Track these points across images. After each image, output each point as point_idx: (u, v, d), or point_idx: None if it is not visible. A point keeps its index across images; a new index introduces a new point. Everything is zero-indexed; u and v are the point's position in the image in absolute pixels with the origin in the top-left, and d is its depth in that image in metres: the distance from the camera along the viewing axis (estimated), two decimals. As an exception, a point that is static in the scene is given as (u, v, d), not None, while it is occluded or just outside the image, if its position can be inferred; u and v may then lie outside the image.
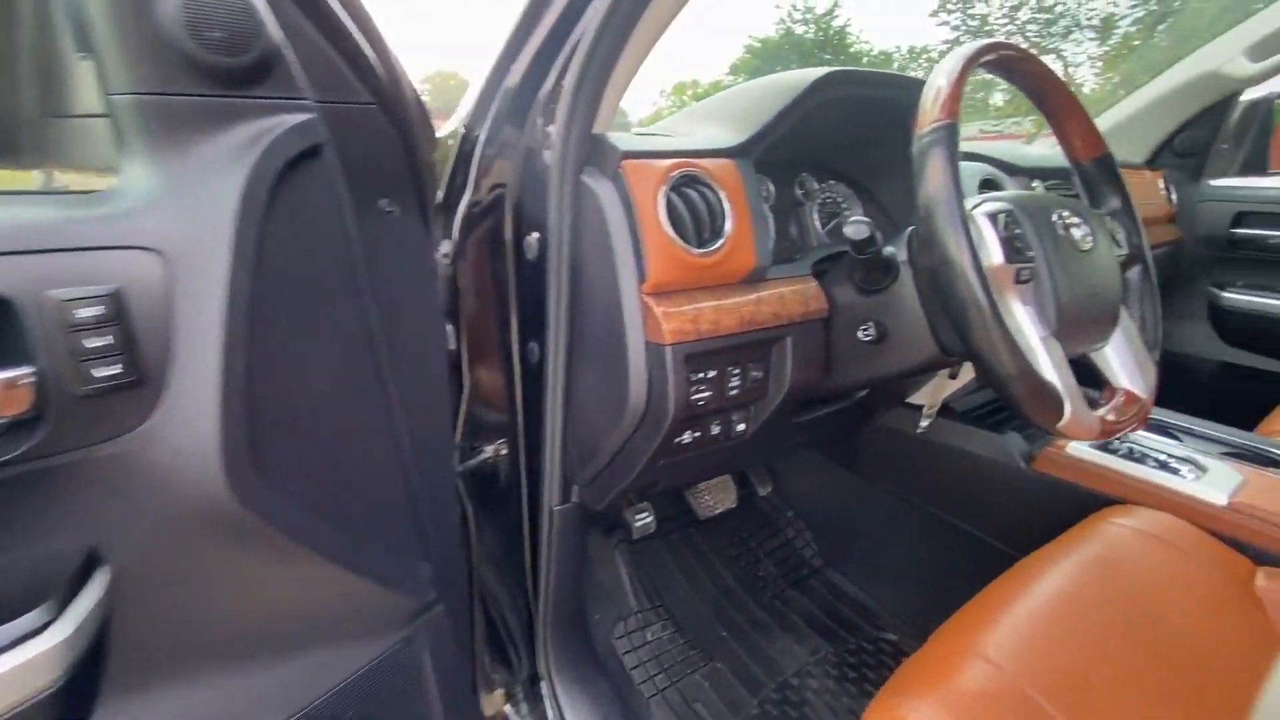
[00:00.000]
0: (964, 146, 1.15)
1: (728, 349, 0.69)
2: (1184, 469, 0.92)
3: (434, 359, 0.67)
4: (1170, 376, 1.75)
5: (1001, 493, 1.07)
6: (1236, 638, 0.67)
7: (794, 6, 24.05)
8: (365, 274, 0.56)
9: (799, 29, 23.99)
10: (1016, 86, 0.71)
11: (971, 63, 0.59)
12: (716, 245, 0.66)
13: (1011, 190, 0.64)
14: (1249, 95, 1.58)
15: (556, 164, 0.65)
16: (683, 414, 0.69)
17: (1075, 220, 0.63)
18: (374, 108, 0.56)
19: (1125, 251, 0.71)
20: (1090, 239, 0.64)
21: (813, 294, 0.76)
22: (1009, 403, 0.55)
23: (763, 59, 24.35)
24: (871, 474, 1.30)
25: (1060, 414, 0.56)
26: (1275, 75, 1.46)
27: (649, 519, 1.04)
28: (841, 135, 0.90)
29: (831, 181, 0.99)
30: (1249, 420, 1.28)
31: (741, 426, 0.78)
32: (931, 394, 1.03)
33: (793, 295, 0.74)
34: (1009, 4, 17.71)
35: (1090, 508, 0.89)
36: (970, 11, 18.46)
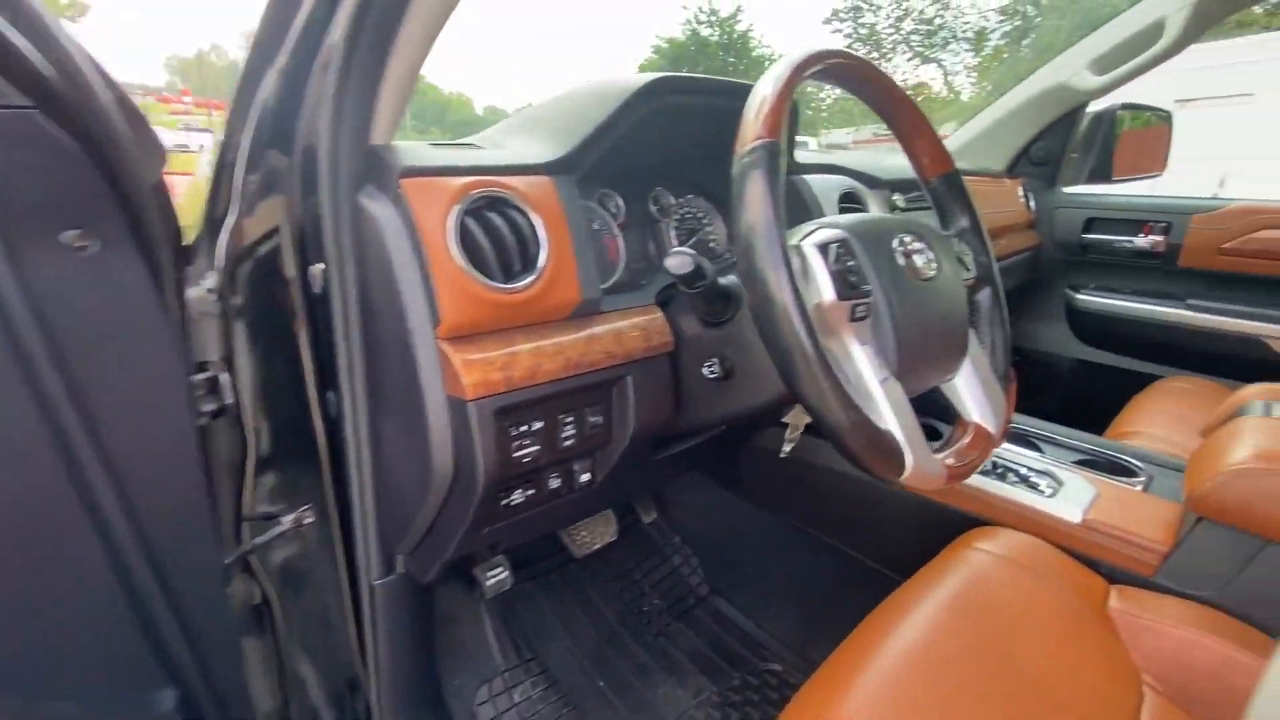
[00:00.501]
0: (826, 158, 1.13)
1: (555, 396, 0.60)
2: (1043, 483, 0.92)
3: (171, 427, 0.53)
4: (1034, 374, 1.86)
5: (874, 513, 1.04)
6: (1096, 674, 0.65)
7: (700, 9, 24.48)
8: (36, 333, 0.42)
9: (705, 31, 24.46)
10: (861, 100, 0.65)
11: (799, 73, 0.52)
12: (529, 279, 0.56)
13: (854, 215, 0.58)
14: (1094, 107, 1.67)
15: (327, 181, 0.53)
16: (501, 475, 0.59)
17: (917, 246, 0.58)
18: (31, 113, 0.42)
19: (973, 274, 0.68)
20: (934, 265, 0.59)
21: (656, 327, 0.68)
22: (844, 455, 0.49)
23: (670, 60, 24.63)
24: (754, 495, 1.25)
25: (901, 466, 0.50)
26: (1117, 88, 1.54)
27: (503, 575, 0.93)
28: (691, 145, 0.83)
29: (690, 195, 0.92)
30: (1105, 413, 1.34)
31: (586, 477, 0.69)
32: (797, 414, 0.98)
33: (632, 330, 0.66)
34: (894, 15, 18.83)
35: (960, 527, 0.87)
36: (860, 21, 19.48)
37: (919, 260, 0.58)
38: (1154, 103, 1.74)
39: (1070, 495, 0.88)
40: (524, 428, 0.59)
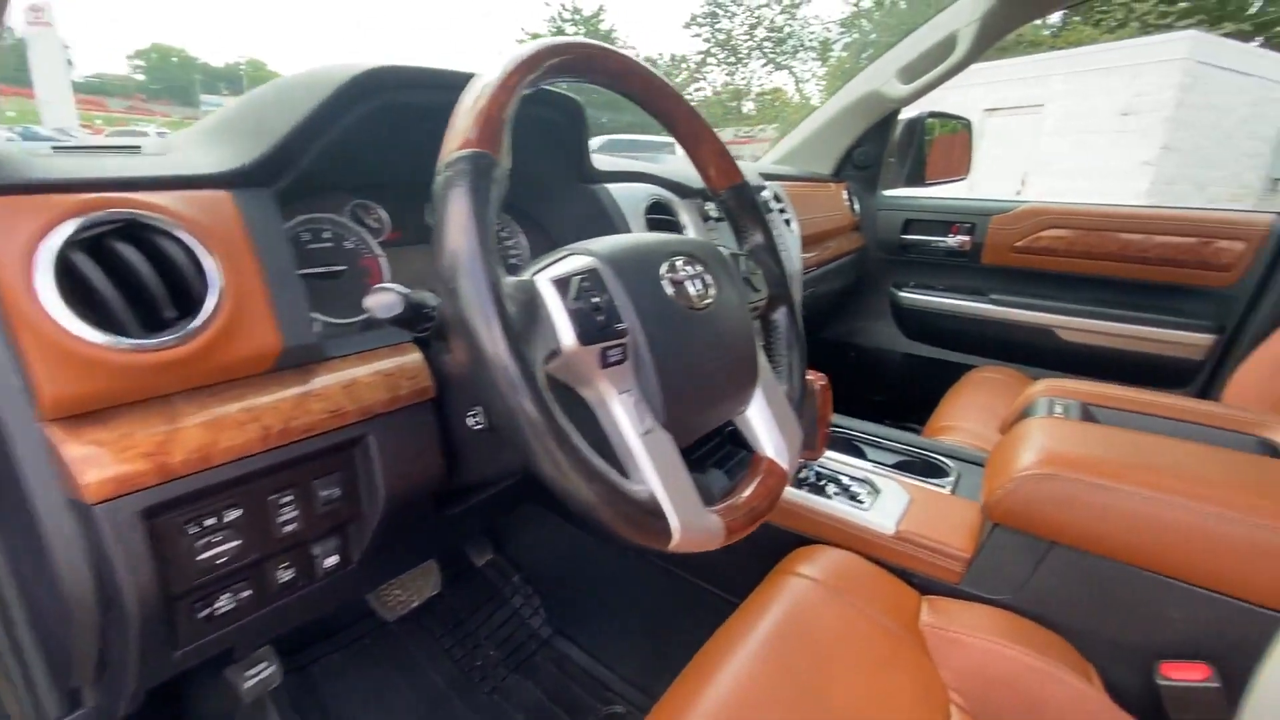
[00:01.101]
0: (632, 164, 1.06)
1: (254, 476, 0.46)
2: (863, 493, 0.91)
3: None
4: (866, 369, 1.95)
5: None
6: (906, 698, 0.63)
7: (564, 6, 24.28)
8: None
9: (569, 29, 24.29)
10: (634, 101, 0.58)
11: (526, 69, 0.43)
12: (187, 329, 0.42)
13: (615, 239, 0.49)
14: (906, 114, 1.76)
15: None
16: (180, 590, 0.44)
17: (690, 270, 0.51)
18: None
19: (764, 294, 0.63)
20: (711, 291, 0.52)
21: (409, 371, 0.56)
22: (593, 524, 0.40)
23: (535, 57, 24.14)
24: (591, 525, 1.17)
25: (667, 534, 0.42)
26: (922, 96, 1.63)
27: (268, 670, 0.77)
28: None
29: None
30: (931, 401, 1.40)
31: (334, 560, 0.56)
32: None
33: (371, 378, 0.54)
34: (748, 22, 19.77)
35: (789, 545, 0.84)
36: (718, 26, 20.26)
37: (692, 287, 0.51)
38: (969, 109, 1.88)
39: (885, 505, 0.87)
40: (209, 522, 0.45)
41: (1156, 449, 0.73)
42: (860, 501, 0.89)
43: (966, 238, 1.68)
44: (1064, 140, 10.63)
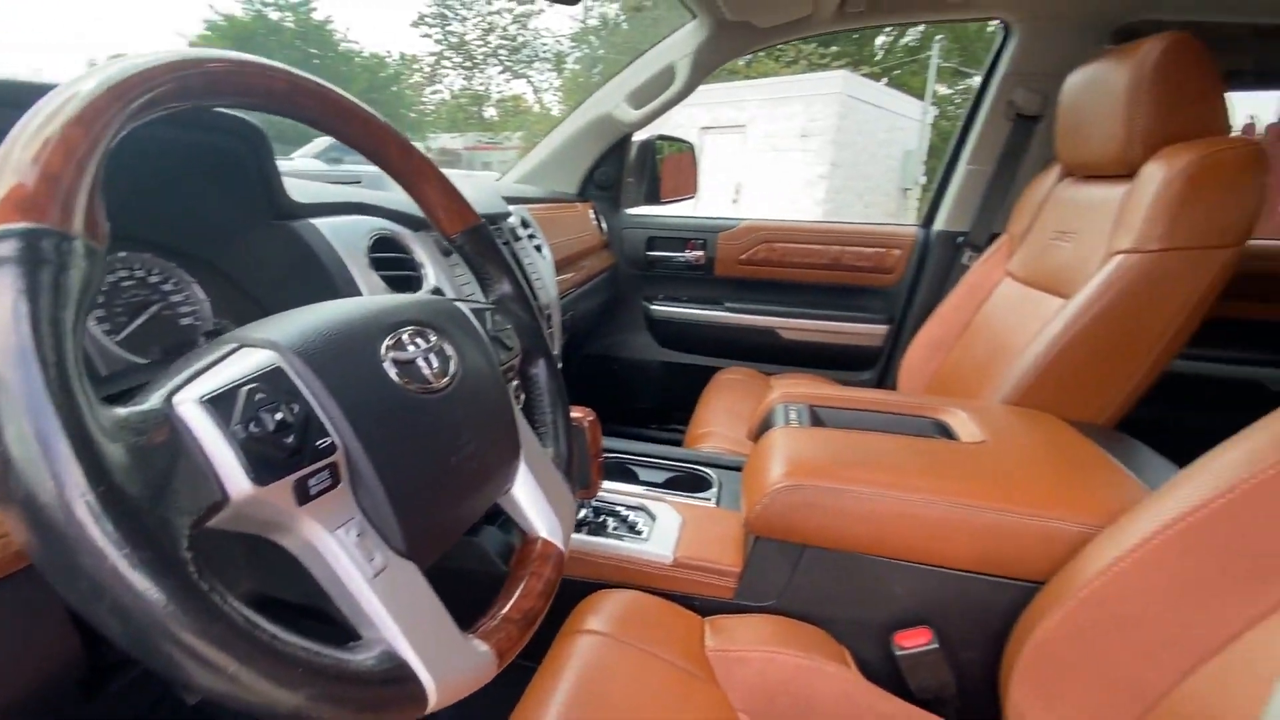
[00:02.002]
0: (352, 193, 0.91)
1: None
2: (641, 522, 0.91)
3: None
4: (629, 380, 2.03)
5: (486, 601, 0.90)
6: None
7: (266, -14, 21.09)
8: None
9: (273, 14, 21.23)
10: (334, 136, 0.46)
11: (120, 100, 0.30)
12: None
13: (303, 318, 0.38)
14: (639, 136, 1.85)
15: None
16: None
17: (424, 344, 0.43)
18: None
19: (518, 351, 0.56)
20: (453, 364, 0.44)
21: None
22: None
23: (232, 40, 20.66)
24: None
25: (423, 699, 0.34)
26: (650, 121, 1.73)
27: None
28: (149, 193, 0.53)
29: (149, 255, 0.61)
30: (689, 403, 1.49)
31: None
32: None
33: None
34: (481, 28, 19.48)
35: (581, 592, 0.79)
36: (449, 29, 19.59)
37: (426, 366, 0.42)
38: (691, 125, 2.04)
39: (662, 532, 0.88)
40: None
41: (874, 449, 0.85)
42: (640, 533, 0.89)
43: (700, 253, 1.83)
44: (763, 156, 12.55)
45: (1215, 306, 0.98)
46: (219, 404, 0.30)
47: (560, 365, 0.86)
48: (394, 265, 0.78)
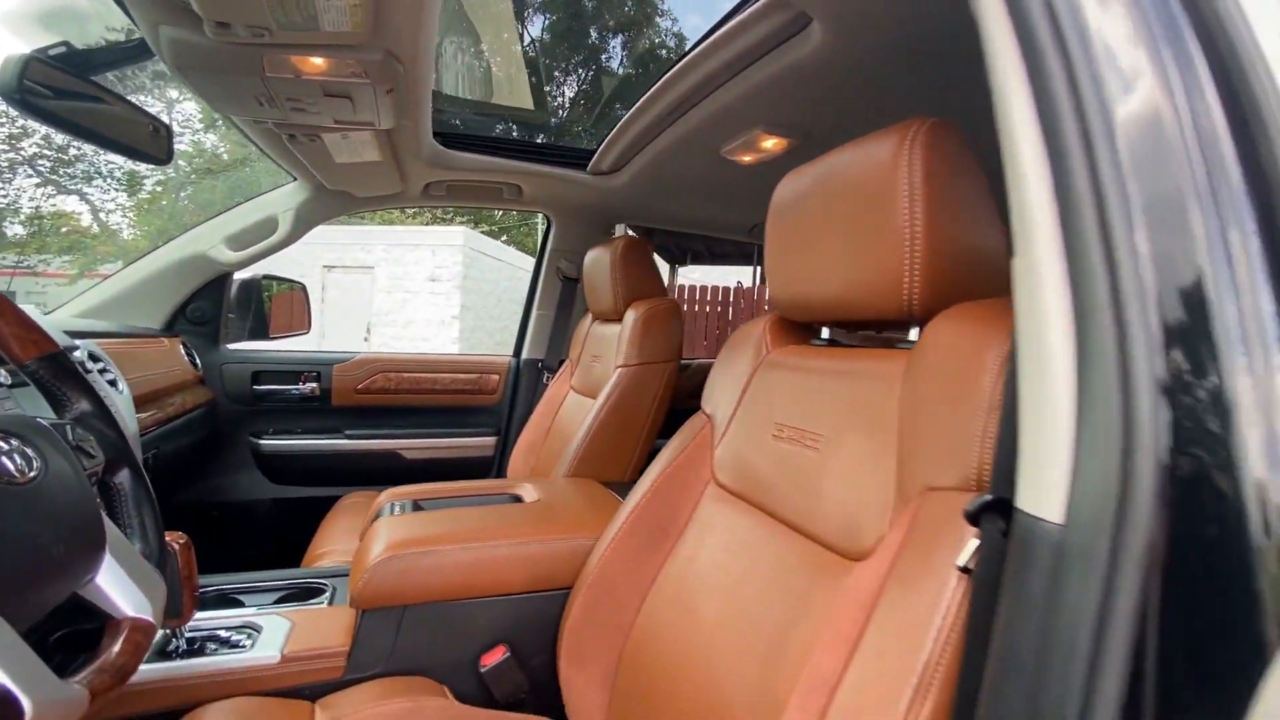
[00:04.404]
0: None
1: None
2: (243, 638, 0.93)
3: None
4: (237, 523, 1.88)
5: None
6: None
7: None
8: None
9: None
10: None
11: None
12: None
13: None
14: (241, 275, 1.87)
15: None
16: None
17: (6, 446, 0.50)
18: None
19: (101, 461, 0.64)
20: (37, 463, 0.52)
21: None
22: None
23: None
24: None
25: (20, 715, 0.41)
26: (253, 263, 1.79)
27: None
28: None
29: None
30: (308, 539, 1.49)
31: None
32: None
33: None
34: (11, 133, 15.34)
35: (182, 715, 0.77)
36: (-57, 123, 14.84)
37: (11, 463, 0.50)
38: (311, 263, 2.12)
39: (268, 638, 0.93)
40: None
41: (458, 517, 1.09)
42: (242, 646, 0.91)
43: (314, 385, 1.90)
44: (393, 297, 12.72)
45: (673, 400, 1.56)
46: None
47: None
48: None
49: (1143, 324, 0.31)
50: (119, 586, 0.59)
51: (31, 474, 0.51)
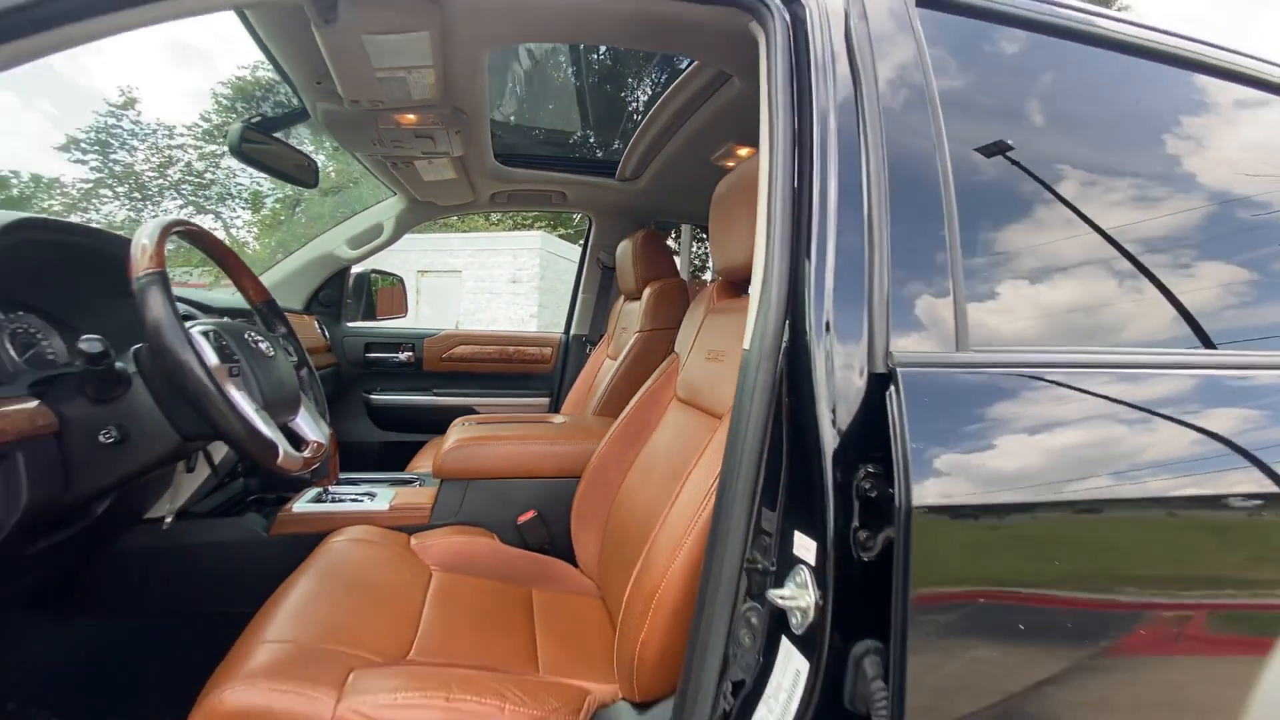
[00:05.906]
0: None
1: None
2: (365, 498, 1.42)
3: None
4: (353, 455, 2.44)
5: (253, 564, 1.29)
6: (407, 576, 1.16)
7: None
8: None
9: None
10: (202, 250, 1.01)
11: (166, 232, 0.85)
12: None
13: (218, 319, 0.92)
14: (356, 269, 2.43)
15: None
16: None
17: (259, 338, 0.98)
18: None
19: (295, 359, 1.12)
20: (271, 350, 1.00)
21: (38, 412, 0.81)
22: (242, 454, 0.82)
23: None
24: (111, 608, 1.26)
25: (277, 454, 0.87)
26: (367, 259, 2.34)
27: None
28: (30, 272, 0.96)
29: (20, 313, 1.00)
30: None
31: None
32: (172, 497, 1.17)
33: (15, 414, 0.77)
34: (159, 161, 17.83)
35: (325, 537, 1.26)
36: (112, 157, 17.46)
37: (262, 345, 0.97)
38: (408, 268, 2.68)
39: (381, 499, 1.41)
40: None
41: (507, 428, 1.54)
42: (363, 501, 1.40)
43: (410, 353, 2.43)
44: (479, 298, 13.74)
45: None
46: (205, 333, 0.84)
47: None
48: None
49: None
50: (307, 426, 1.06)
51: (271, 354, 0.99)
